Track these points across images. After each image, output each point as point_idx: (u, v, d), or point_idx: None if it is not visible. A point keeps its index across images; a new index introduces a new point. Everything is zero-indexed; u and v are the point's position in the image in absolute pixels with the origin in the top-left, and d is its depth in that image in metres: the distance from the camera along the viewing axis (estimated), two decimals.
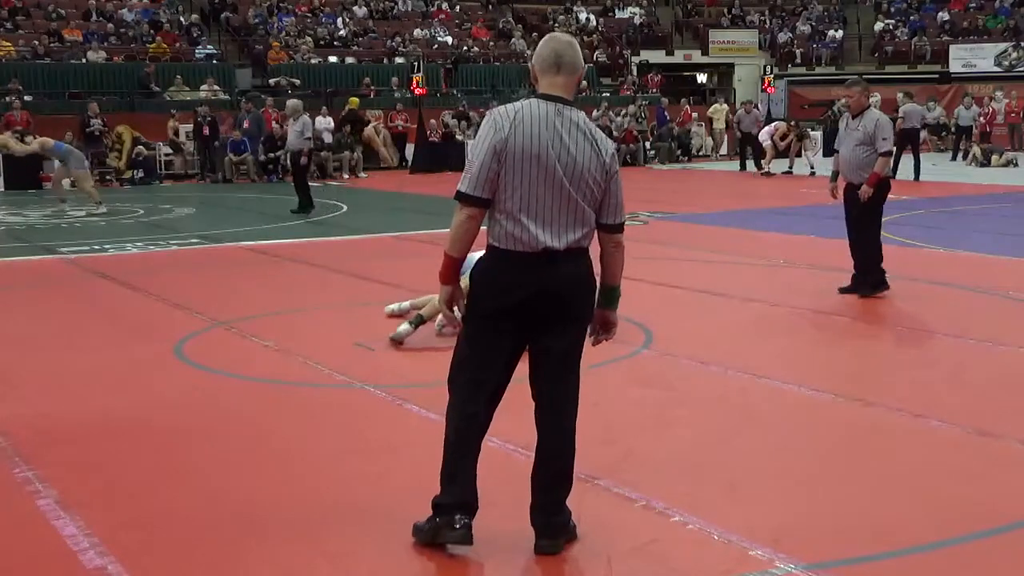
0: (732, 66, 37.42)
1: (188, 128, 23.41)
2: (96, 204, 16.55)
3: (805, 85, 35.67)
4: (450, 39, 31.73)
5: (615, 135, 25.79)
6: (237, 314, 8.48)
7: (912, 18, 37.10)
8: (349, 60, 29.23)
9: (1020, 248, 11.54)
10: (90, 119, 22.28)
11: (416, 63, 26.51)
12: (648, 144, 27.80)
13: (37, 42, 25.79)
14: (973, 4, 36.90)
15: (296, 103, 16.45)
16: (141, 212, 16.88)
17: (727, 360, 6.79)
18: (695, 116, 30.03)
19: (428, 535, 3.90)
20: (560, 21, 34.25)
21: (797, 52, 36.62)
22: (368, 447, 5.25)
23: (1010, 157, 25.01)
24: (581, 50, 3.97)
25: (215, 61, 27.53)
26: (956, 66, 34.25)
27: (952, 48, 34.57)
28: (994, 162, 24.82)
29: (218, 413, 5.89)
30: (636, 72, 34.44)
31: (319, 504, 4.41)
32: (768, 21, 38.53)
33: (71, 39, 26.41)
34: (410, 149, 25.80)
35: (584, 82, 22.38)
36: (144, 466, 4.98)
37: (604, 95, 30.01)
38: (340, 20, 31.04)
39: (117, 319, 8.64)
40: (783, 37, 37.29)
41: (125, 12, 28.28)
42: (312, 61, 28.38)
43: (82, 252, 12.14)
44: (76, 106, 23.40)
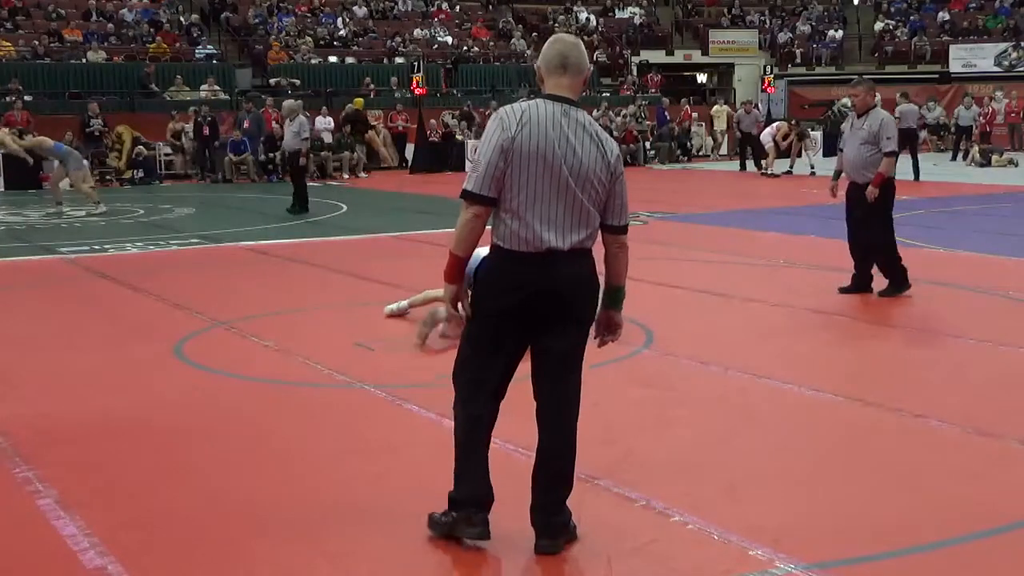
0: (732, 66, 37.42)
1: (189, 128, 23.40)
2: (95, 204, 16.55)
3: (805, 85, 35.67)
4: (450, 39, 31.73)
5: (615, 135, 25.78)
6: (237, 314, 8.48)
7: (912, 18, 37.12)
8: (349, 60, 29.24)
9: (1020, 248, 11.53)
10: (90, 119, 22.31)
11: (416, 63, 26.53)
12: (648, 144, 27.81)
13: (37, 42, 25.80)
14: (973, 4, 36.90)
15: (293, 104, 16.46)
16: (141, 212, 16.88)
17: (727, 360, 6.79)
18: (695, 116, 30.05)
19: (445, 528, 3.94)
20: (560, 21, 34.25)
21: (797, 52, 36.63)
22: (368, 447, 5.25)
23: (1010, 157, 25.01)
24: None
25: (215, 61, 27.52)
26: (956, 66, 34.26)
27: (952, 48, 34.59)
28: (994, 162, 24.82)
29: (218, 413, 5.89)
30: (636, 72, 34.45)
31: (319, 504, 4.41)
32: (768, 21, 38.54)
33: (71, 39, 26.41)
34: (410, 149, 25.82)
35: None
36: (144, 466, 4.98)
37: (604, 95, 30.00)
38: (340, 20, 31.04)
39: (117, 319, 8.64)
40: (783, 37, 37.30)
41: (125, 12, 28.29)
42: (312, 61, 28.39)
43: (82, 252, 12.13)
44: (76, 106, 23.42)
